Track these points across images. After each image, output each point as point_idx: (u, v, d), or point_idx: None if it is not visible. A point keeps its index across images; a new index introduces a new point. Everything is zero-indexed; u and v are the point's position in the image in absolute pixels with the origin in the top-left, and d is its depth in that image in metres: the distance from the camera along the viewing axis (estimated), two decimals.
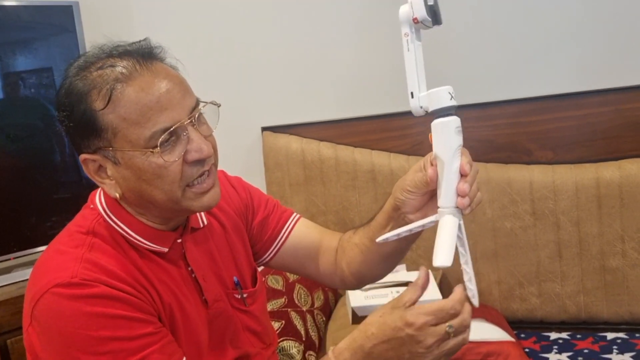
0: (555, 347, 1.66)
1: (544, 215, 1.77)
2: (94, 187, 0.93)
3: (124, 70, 0.82)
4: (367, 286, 1.67)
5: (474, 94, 1.86)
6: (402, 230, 0.90)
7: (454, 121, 0.80)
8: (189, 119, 0.85)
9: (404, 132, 1.90)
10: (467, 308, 0.81)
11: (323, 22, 1.93)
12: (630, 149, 1.79)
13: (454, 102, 0.79)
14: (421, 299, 1.67)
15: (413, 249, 1.83)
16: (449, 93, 0.78)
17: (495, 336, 1.55)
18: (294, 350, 1.43)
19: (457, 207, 0.82)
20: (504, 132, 1.87)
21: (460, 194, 0.81)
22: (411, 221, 0.91)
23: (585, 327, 1.79)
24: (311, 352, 1.51)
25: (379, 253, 1.02)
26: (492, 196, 1.80)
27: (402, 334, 0.81)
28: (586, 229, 1.75)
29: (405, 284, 1.67)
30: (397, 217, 0.94)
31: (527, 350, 1.65)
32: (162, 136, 0.82)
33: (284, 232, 1.11)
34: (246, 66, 1.97)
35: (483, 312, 1.68)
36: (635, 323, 1.76)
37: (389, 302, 0.85)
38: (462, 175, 0.82)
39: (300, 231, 1.12)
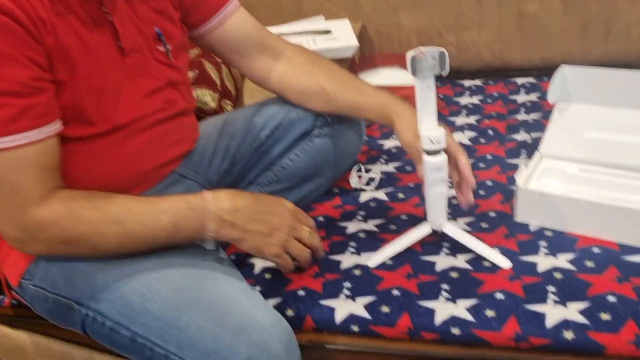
0: (468, 92, 1.71)
1: None
2: None
3: None
4: (281, 33, 1.62)
5: None
6: (397, 249, 1.02)
7: (431, 162, 0.92)
8: None
9: None
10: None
11: None
12: None
13: (432, 147, 0.91)
14: (337, 45, 1.63)
15: None
16: (430, 139, 0.90)
17: (411, 81, 1.57)
18: (208, 98, 1.41)
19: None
20: None
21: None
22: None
23: (499, 74, 1.84)
24: (227, 101, 1.50)
25: (333, 107, 1.11)
26: None
27: (274, 203, 0.94)
28: None
29: (322, 32, 1.62)
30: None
31: (441, 96, 1.70)
32: None
33: (219, 16, 1.05)
34: None
35: (398, 60, 1.68)
36: (545, 68, 1.81)
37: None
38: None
39: (237, 22, 1.07)
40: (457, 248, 1.02)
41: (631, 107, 1.13)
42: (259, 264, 1.07)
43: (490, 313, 0.89)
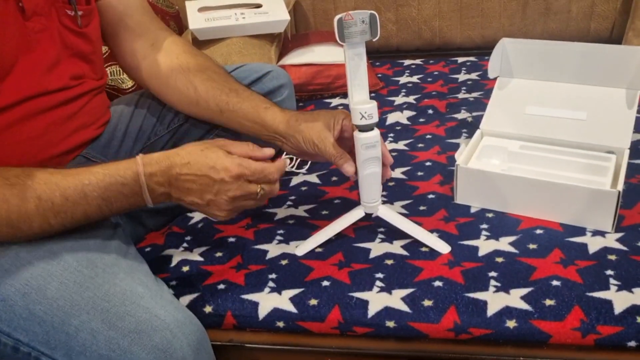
0: (408, 71, 1.64)
1: None
2: None
3: None
4: (206, 6, 1.50)
5: None
6: (327, 236, 0.93)
7: (363, 138, 0.83)
8: None
9: None
10: (276, 177, 0.81)
11: None
12: None
13: (364, 122, 0.82)
14: (267, 20, 1.53)
15: None
16: (361, 113, 0.82)
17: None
18: (125, 75, 1.28)
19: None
20: None
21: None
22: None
23: (439, 53, 1.78)
24: None
25: (203, 110, 0.98)
26: None
27: (215, 175, 0.76)
28: None
29: (253, 5, 1.51)
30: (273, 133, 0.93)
31: (379, 75, 1.62)
32: None
33: None
34: None
35: (333, 37, 1.59)
36: (486, 47, 1.76)
37: (213, 140, 0.81)
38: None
39: None
40: (393, 233, 0.94)
41: (573, 81, 1.07)
42: (176, 256, 0.96)
43: (427, 303, 0.81)
